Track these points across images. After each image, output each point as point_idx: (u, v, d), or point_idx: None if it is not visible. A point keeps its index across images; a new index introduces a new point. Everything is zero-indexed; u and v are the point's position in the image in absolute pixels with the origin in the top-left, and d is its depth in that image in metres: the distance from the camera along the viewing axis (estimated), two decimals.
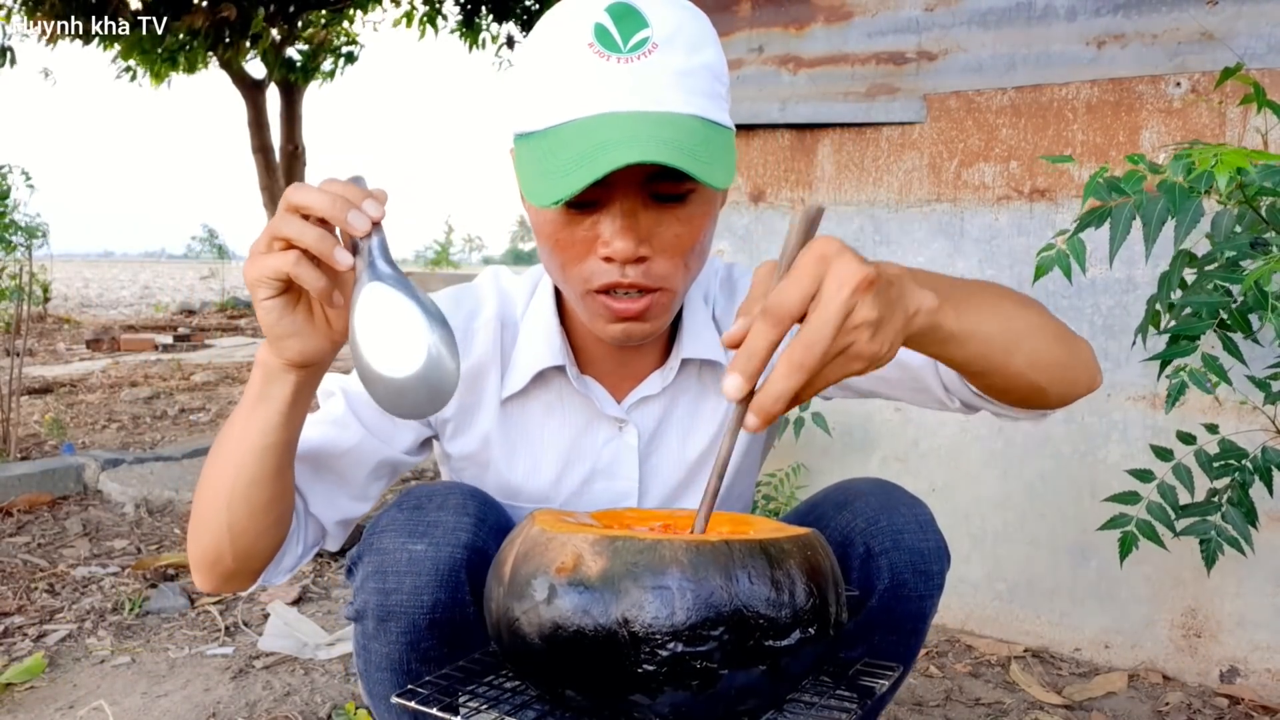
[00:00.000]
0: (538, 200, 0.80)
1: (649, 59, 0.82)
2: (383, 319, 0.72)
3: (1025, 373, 0.86)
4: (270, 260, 0.74)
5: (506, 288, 1.09)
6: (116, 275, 36.28)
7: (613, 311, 0.90)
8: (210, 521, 0.91)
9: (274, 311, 0.77)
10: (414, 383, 0.72)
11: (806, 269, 0.63)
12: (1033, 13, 2.00)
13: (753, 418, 0.64)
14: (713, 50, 0.87)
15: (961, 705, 1.84)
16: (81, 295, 18.32)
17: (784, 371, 0.63)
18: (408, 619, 0.91)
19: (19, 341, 3.69)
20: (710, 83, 0.86)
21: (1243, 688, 1.86)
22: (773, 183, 2.35)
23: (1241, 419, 1.82)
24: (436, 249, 18.07)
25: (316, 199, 0.72)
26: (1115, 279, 1.94)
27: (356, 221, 0.72)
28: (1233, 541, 1.40)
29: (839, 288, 0.62)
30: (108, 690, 1.84)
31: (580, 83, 0.82)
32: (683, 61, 0.83)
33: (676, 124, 0.81)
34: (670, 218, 0.87)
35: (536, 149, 0.84)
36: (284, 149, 12.77)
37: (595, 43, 0.82)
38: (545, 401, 1.05)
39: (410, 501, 0.96)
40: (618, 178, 0.82)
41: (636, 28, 0.82)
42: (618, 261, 0.86)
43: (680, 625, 0.67)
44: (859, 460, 2.27)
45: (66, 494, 3.15)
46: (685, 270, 0.91)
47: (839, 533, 1.02)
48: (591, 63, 0.82)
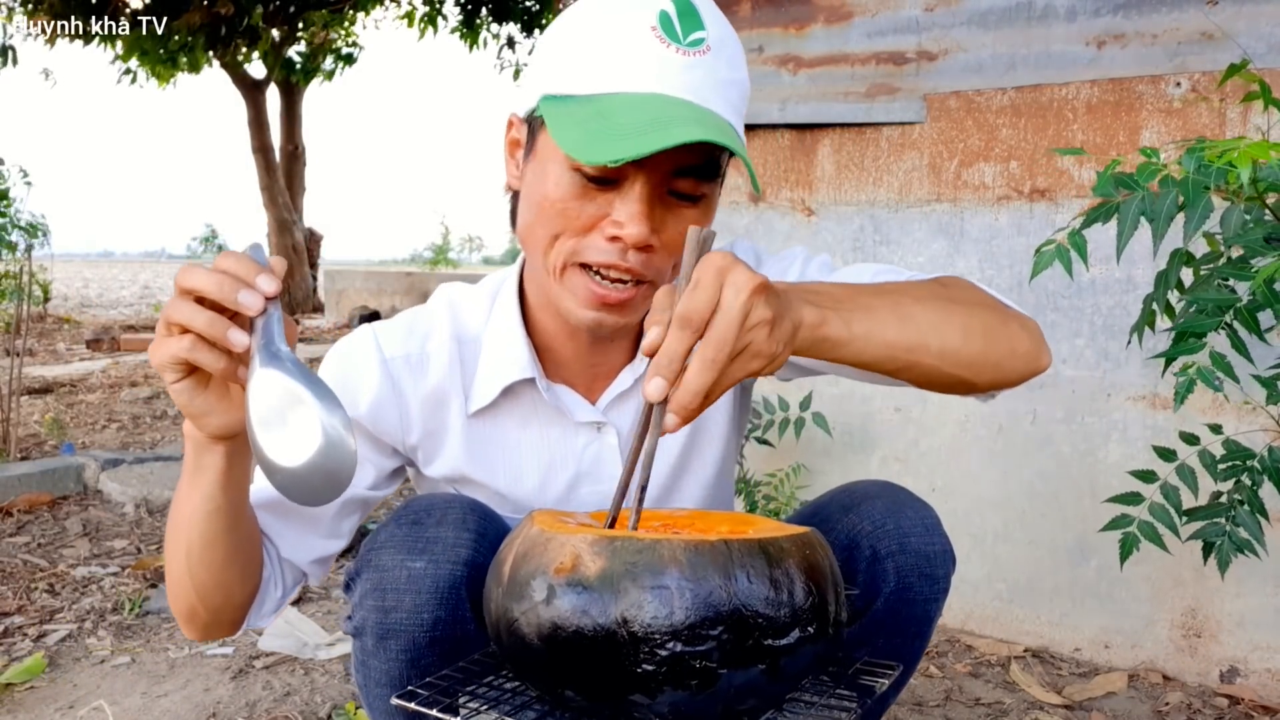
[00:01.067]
0: (586, 155, 0.79)
1: (703, 58, 0.85)
2: (275, 405, 0.70)
3: (939, 367, 0.88)
4: (167, 346, 0.73)
5: (460, 305, 1.07)
6: (116, 275, 36.28)
7: (596, 296, 0.89)
8: (177, 582, 0.93)
9: (184, 393, 0.76)
10: (309, 471, 0.70)
11: (708, 280, 0.69)
12: (1033, 13, 2.00)
13: (672, 417, 0.70)
14: (744, 72, 0.91)
15: (961, 705, 1.84)
16: (81, 295, 18.32)
17: (698, 368, 0.69)
18: (408, 637, 0.91)
19: (19, 341, 3.69)
20: (741, 99, 0.90)
21: (1243, 688, 1.85)
22: (773, 183, 2.35)
23: (1242, 419, 1.82)
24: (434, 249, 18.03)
25: (204, 281, 0.71)
26: (1115, 279, 1.94)
27: (247, 301, 0.71)
28: (1245, 544, 1.38)
29: (737, 293, 0.69)
30: (108, 690, 1.84)
31: (641, 60, 0.84)
32: (726, 72, 0.87)
33: (720, 123, 0.83)
34: (681, 215, 0.88)
35: (581, 112, 0.84)
36: (284, 149, 12.77)
37: (659, 27, 0.84)
38: (518, 414, 1.04)
39: (409, 516, 0.95)
40: (649, 165, 0.83)
41: (695, 26, 0.86)
42: (625, 244, 0.86)
43: (679, 625, 0.67)
44: (859, 460, 2.27)
45: (66, 494, 3.15)
46: (671, 272, 0.91)
47: (845, 535, 1.01)
48: (653, 45, 0.84)
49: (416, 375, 1.02)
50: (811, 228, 2.31)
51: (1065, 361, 2.01)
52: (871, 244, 2.23)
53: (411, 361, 1.02)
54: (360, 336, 1.04)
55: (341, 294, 11.42)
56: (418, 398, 1.02)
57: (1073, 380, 2.00)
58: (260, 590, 1.00)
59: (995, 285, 2.08)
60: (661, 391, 0.69)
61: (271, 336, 0.72)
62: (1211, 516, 1.40)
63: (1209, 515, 1.40)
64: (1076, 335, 2.00)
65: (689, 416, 0.70)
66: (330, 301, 11.71)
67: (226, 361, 0.74)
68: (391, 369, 1.02)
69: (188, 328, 0.72)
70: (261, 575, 1.00)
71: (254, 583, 0.97)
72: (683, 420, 0.70)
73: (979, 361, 0.90)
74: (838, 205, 2.27)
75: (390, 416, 1.02)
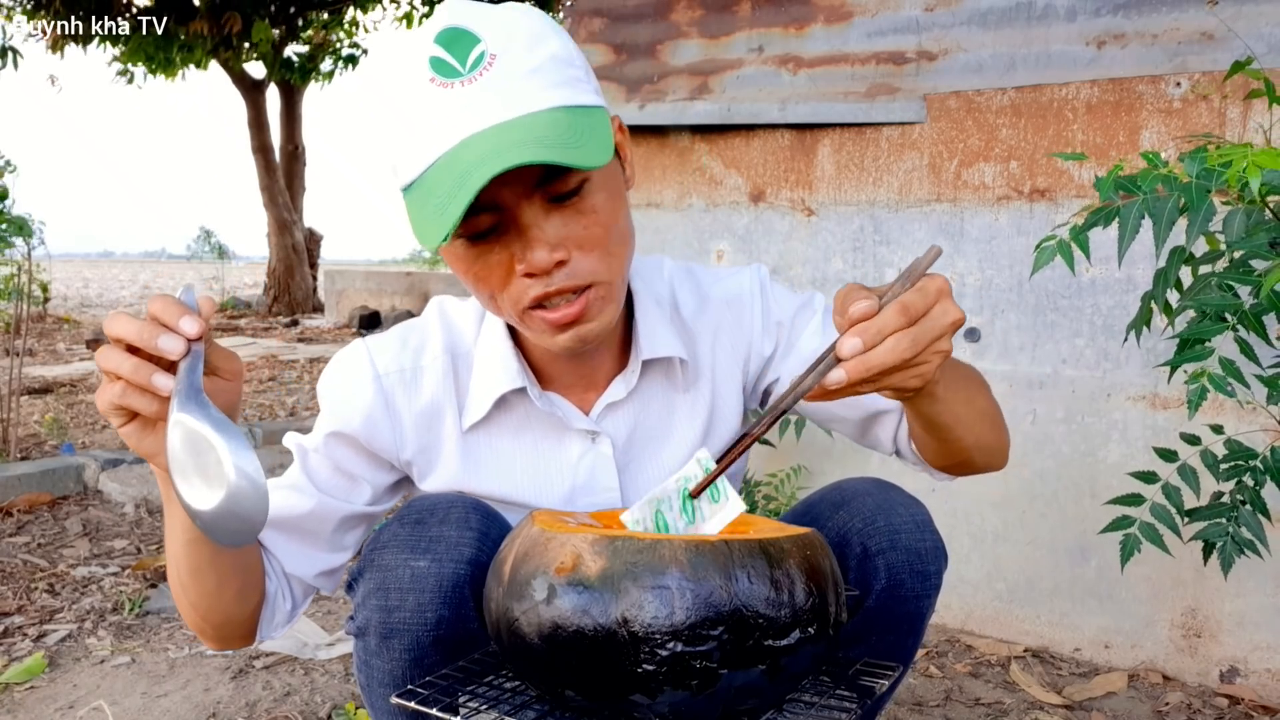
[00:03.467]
0: (429, 242, 0.79)
1: (491, 71, 0.81)
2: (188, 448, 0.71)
3: (968, 448, 0.97)
4: (104, 394, 0.75)
5: (453, 318, 1.06)
6: (116, 275, 36.28)
7: (552, 323, 0.88)
8: (181, 601, 0.96)
9: (132, 436, 0.78)
10: (222, 514, 0.71)
11: (931, 290, 0.73)
12: (1033, 13, 2.00)
13: (842, 372, 0.72)
14: (556, 40, 0.86)
15: (961, 705, 1.84)
16: (81, 295, 18.32)
17: (890, 348, 0.71)
18: (411, 636, 0.91)
19: (19, 341, 3.69)
20: (562, 70, 0.85)
21: (1243, 688, 1.86)
22: (772, 183, 2.35)
23: (1242, 419, 1.82)
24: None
25: (125, 328, 0.73)
26: (1115, 279, 1.94)
27: (167, 345, 0.72)
28: (1248, 544, 1.37)
29: (945, 313, 0.73)
30: (108, 690, 1.84)
31: (433, 119, 0.81)
32: (526, 63, 0.83)
33: (536, 122, 0.80)
34: (573, 214, 0.85)
35: (414, 198, 0.83)
36: (284, 149, 12.78)
37: (435, 76, 0.82)
38: (511, 426, 1.04)
39: (411, 516, 0.95)
40: (507, 193, 0.82)
41: (469, 45, 0.82)
42: (539, 274, 0.86)
43: (680, 625, 0.67)
44: (859, 460, 2.27)
45: (66, 494, 3.15)
46: (610, 258, 0.89)
47: (836, 533, 1.01)
48: (436, 96, 0.81)
49: (410, 390, 1.02)
50: (811, 228, 2.31)
51: (1065, 361, 2.01)
52: (871, 244, 2.23)
53: (405, 377, 1.02)
54: (354, 352, 1.04)
55: (341, 294, 11.42)
56: (411, 413, 1.02)
57: (1073, 380, 2.00)
58: (267, 605, 1.01)
59: (995, 285, 2.08)
60: (854, 350, 0.71)
61: (190, 380, 0.73)
62: (1213, 517, 1.40)
63: (1210, 516, 1.40)
64: (1076, 335, 2.00)
65: (856, 380, 0.72)
66: (330, 302, 11.71)
67: (160, 404, 0.74)
68: (385, 384, 1.01)
69: (117, 375, 0.73)
70: (266, 591, 1.00)
71: (254, 602, 0.98)
72: (850, 380, 0.71)
73: (988, 453, 1.00)
74: (838, 205, 2.27)
75: (384, 433, 1.02)
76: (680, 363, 1.05)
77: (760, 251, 2.38)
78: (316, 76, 12.17)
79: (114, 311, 0.75)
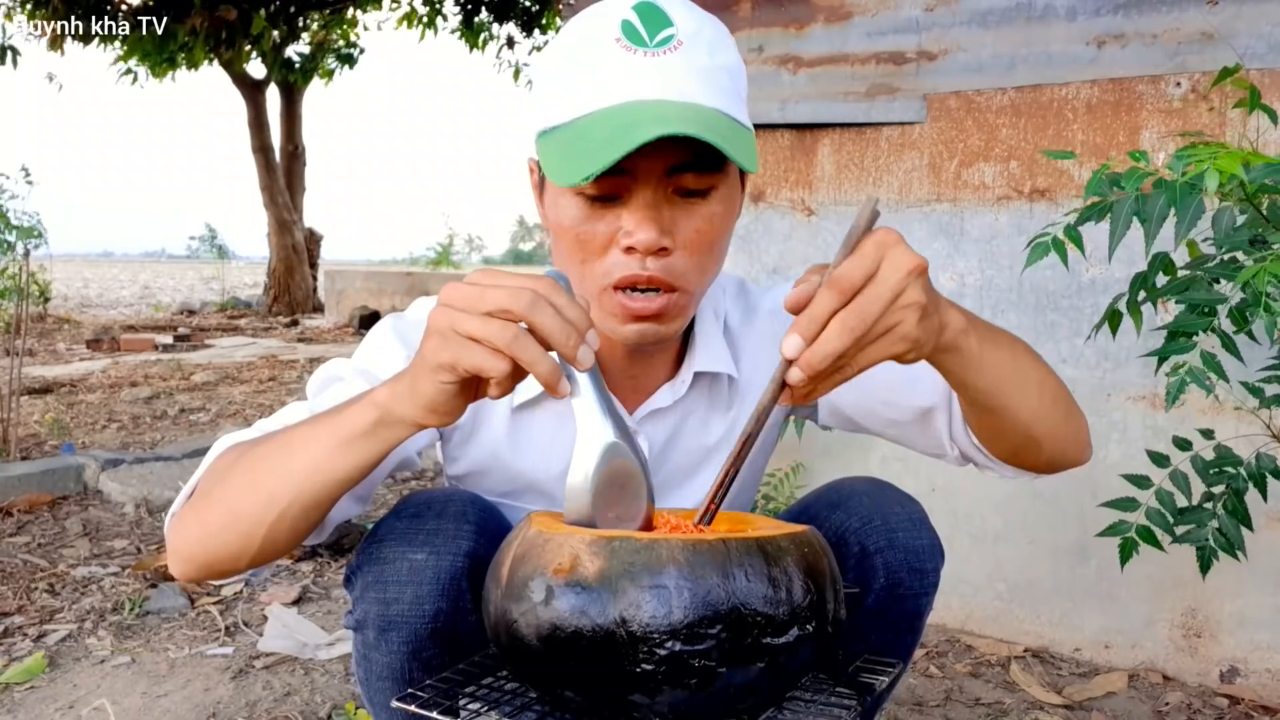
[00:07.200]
0: (565, 178, 0.80)
1: (674, 54, 0.84)
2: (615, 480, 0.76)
3: (1027, 422, 0.89)
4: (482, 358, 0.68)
5: None
6: (116, 275, 36.29)
7: (629, 311, 0.89)
8: (242, 529, 0.84)
9: (444, 394, 0.73)
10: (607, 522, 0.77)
11: (868, 250, 0.68)
12: (1033, 13, 2.00)
13: (797, 371, 0.68)
14: (733, 55, 0.90)
15: (961, 705, 1.84)
16: (81, 295, 18.33)
17: (835, 332, 0.67)
18: (409, 629, 0.91)
19: (19, 341, 3.69)
20: (734, 82, 0.88)
21: (1243, 688, 1.85)
22: (773, 183, 2.35)
23: (1242, 421, 1.82)
24: (438, 249, 18.05)
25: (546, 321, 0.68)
26: (1115, 278, 1.94)
27: (585, 358, 0.70)
28: (1227, 547, 1.39)
29: (894, 269, 0.68)
30: (108, 690, 1.84)
31: (607, 74, 0.84)
32: (706, 60, 0.86)
33: (701, 112, 0.82)
34: (693, 213, 0.87)
35: (562, 139, 0.84)
36: (284, 149, 12.78)
37: (623, 37, 0.84)
38: (557, 411, 1.04)
39: (409, 509, 0.95)
40: (642, 169, 0.83)
41: (662, 25, 0.85)
42: (639, 253, 0.86)
43: (678, 624, 0.67)
44: (859, 460, 2.27)
45: (66, 494, 3.15)
46: (702, 271, 0.91)
47: (833, 532, 1.01)
48: (618, 56, 0.84)
49: None
50: (811, 228, 2.31)
51: (1065, 361, 2.01)
52: None
53: None
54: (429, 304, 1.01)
55: (341, 294, 11.42)
56: None
57: (1073, 380, 2.00)
58: None
59: (995, 285, 2.08)
60: (797, 349, 0.67)
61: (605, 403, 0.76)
62: (1195, 521, 1.42)
63: (1194, 519, 1.42)
64: (1076, 335, 2.00)
65: (815, 378, 0.68)
66: (330, 302, 11.71)
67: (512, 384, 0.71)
68: None
69: (537, 330, 0.69)
70: None
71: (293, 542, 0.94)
72: (808, 379, 0.68)
73: (1055, 433, 0.92)
74: (838, 205, 2.27)
75: None
76: (729, 380, 1.05)
77: (760, 251, 2.38)
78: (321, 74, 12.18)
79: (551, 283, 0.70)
